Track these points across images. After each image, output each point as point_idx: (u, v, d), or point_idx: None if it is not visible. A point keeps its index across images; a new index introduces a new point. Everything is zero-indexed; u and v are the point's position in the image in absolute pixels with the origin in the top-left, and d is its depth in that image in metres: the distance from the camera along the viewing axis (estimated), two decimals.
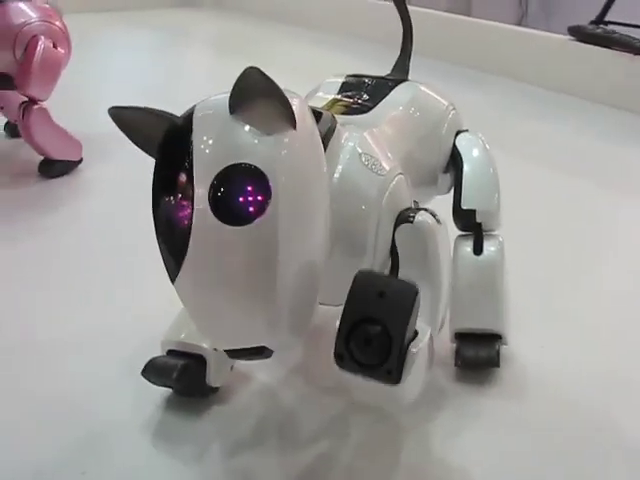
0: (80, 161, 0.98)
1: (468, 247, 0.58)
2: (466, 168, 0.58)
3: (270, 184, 0.37)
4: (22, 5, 0.92)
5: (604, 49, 1.41)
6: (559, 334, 0.65)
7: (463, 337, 0.58)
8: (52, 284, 0.72)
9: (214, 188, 0.37)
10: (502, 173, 0.60)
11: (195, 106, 0.41)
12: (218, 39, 1.95)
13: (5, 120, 1.06)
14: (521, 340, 0.61)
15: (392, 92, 0.58)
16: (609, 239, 0.88)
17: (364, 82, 0.59)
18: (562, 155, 1.14)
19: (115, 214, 0.87)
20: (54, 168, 0.95)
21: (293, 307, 0.39)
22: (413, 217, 0.46)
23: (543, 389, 0.57)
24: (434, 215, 0.47)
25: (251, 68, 0.37)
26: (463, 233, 0.59)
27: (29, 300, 0.69)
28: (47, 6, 0.96)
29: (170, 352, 0.54)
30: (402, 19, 0.67)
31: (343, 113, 0.53)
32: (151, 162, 0.40)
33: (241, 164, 0.37)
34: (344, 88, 0.58)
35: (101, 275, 0.73)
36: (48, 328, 0.64)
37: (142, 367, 0.53)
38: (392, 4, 0.65)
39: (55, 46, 0.92)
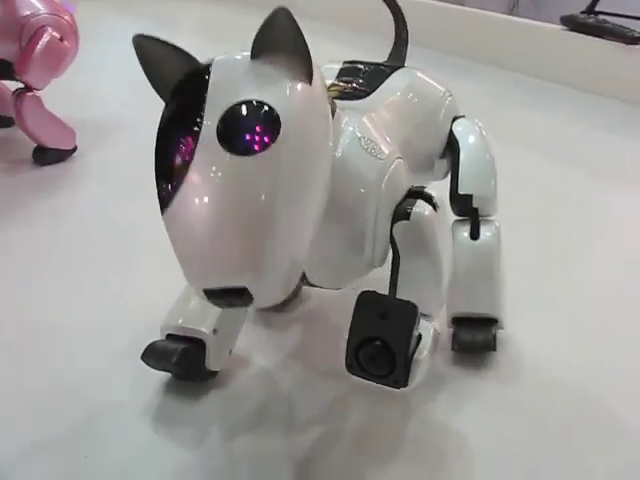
0: (75, 149, 0.98)
1: (465, 232, 0.58)
2: (463, 154, 0.59)
3: (280, 126, 0.37)
4: None
5: (596, 39, 1.41)
6: (550, 321, 0.65)
7: (460, 321, 0.58)
8: (48, 272, 0.72)
9: (224, 119, 0.37)
10: (495, 161, 0.60)
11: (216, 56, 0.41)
12: (207, 27, 1.94)
13: None
14: (515, 326, 0.61)
15: (389, 78, 0.58)
16: (599, 227, 0.89)
17: (361, 68, 0.60)
18: (553, 144, 1.15)
19: (110, 201, 0.87)
20: (47, 155, 0.95)
21: (281, 256, 0.37)
22: (410, 211, 0.46)
23: (537, 374, 0.58)
24: (431, 199, 0.47)
25: (280, 9, 0.37)
26: (460, 218, 0.59)
27: (25, 288, 0.69)
28: (57, 0, 0.96)
29: (169, 336, 0.54)
30: (391, 10, 0.67)
31: (341, 98, 0.53)
32: (147, 148, 0.40)
33: (255, 101, 0.37)
34: (342, 74, 0.58)
35: (97, 262, 0.73)
36: (45, 315, 0.64)
37: (141, 352, 0.54)
38: None
39: (62, 39, 0.92)
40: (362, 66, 0.60)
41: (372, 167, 0.46)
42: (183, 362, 0.53)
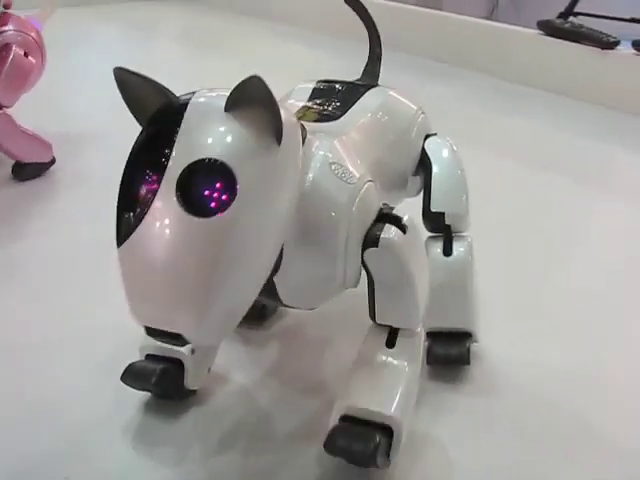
0: (53, 161, 0.98)
1: (438, 249, 0.59)
2: (435, 171, 0.60)
3: (238, 187, 0.38)
4: None
5: (573, 43, 1.43)
6: (527, 330, 0.66)
7: (435, 335, 0.59)
8: (28, 288, 0.72)
9: (185, 174, 0.38)
10: (472, 168, 0.62)
11: (196, 92, 0.42)
12: (187, 33, 1.93)
13: None
14: (491, 337, 0.62)
15: (361, 98, 0.59)
16: (579, 235, 0.90)
17: (334, 88, 0.60)
18: (531, 150, 1.16)
19: (90, 213, 0.86)
20: (26, 171, 0.95)
21: (223, 310, 0.39)
22: (378, 238, 0.47)
23: (512, 385, 0.59)
24: (399, 221, 0.48)
25: (255, 77, 0.39)
26: (433, 235, 0.60)
27: (5, 305, 0.69)
28: (24, 17, 0.96)
29: (148, 356, 0.55)
30: (365, 25, 0.67)
31: (315, 120, 0.54)
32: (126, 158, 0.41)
33: (218, 161, 0.38)
34: (315, 94, 0.59)
35: (77, 278, 0.73)
36: (25, 333, 0.64)
37: (121, 372, 0.54)
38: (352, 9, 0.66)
39: (27, 55, 0.93)
40: (336, 86, 0.60)
41: (343, 191, 0.46)
42: (162, 382, 0.53)
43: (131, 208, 0.39)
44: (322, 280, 0.48)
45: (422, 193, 0.60)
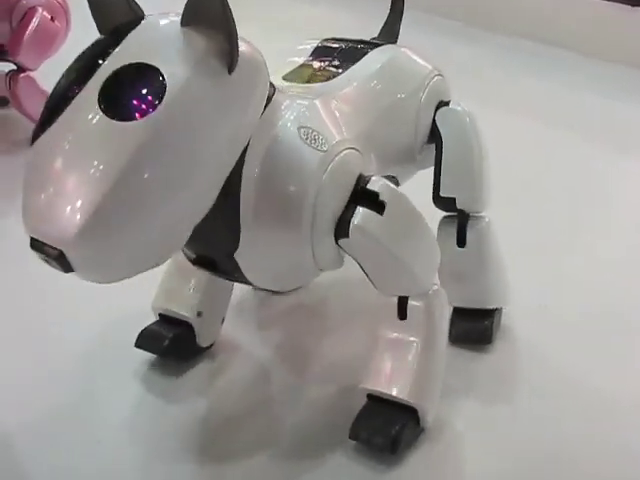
0: None
1: (451, 237, 0.55)
2: (445, 152, 0.53)
3: (164, 98, 0.35)
4: None
5: (601, 0, 1.39)
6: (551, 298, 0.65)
7: (457, 312, 0.57)
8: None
9: (115, 76, 0.36)
10: (489, 130, 0.56)
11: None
12: None
13: None
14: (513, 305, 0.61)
15: (365, 57, 0.53)
16: (602, 196, 0.88)
17: (337, 47, 0.55)
18: (551, 111, 1.13)
19: None
20: None
21: (115, 234, 0.35)
22: (349, 225, 0.43)
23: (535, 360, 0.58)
24: (376, 198, 0.43)
25: None
26: (448, 214, 0.56)
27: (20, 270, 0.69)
28: None
29: (161, 316, 0.56)
30: None
31: (307, 81, 0.50)
32: None
33: (151, 66, 0.36)
34: (316, 52, 0.54)
35: None
36: (42, 299, 0.65)
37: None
38: None
39: (53, 19, 0.92)
40: (339, 44, 0.55)
41: (311, 159, 0.42)
42: (173, 348, 0.54)
43: (51, 110, 0.37)
44: (289, 261, 0.44)
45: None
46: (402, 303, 0.48)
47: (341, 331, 0.61)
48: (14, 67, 0.92)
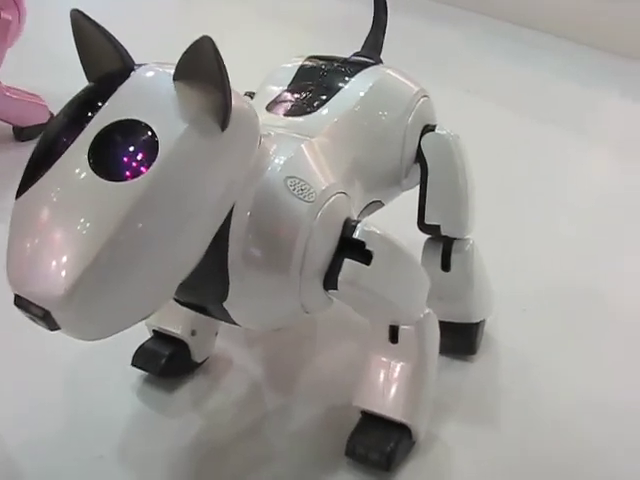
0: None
1: (436, 262, 0.56)
2: (430, 180, 0.54)
3: (157, 157, 0.34)
4: None
5: None
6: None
7: (443, 325, 0.55)
8: None
9: (106, 132, 0.35)
10: (470, 116, 0.57)
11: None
12: None
13: None
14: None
15: (349, 83, 0.52)
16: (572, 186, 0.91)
17: (322, 68, 0.54)
18: (531, 98, 1.14)
19: None
20: (25, 132, 0.95)
21: (101, 294, 0.34)
22: (336, 280, 0.43)
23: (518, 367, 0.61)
24: (362, 247, 0.43)
25: (206, 38, 0.35)
26: (432, 237, 0.57)
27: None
28: None
29: (155, 332, 0.57)
30: None
31: (289, 114, 0.49)
32: None
33: (142, 123, 0.35)
34: (299, 76, 0.53)
35: None
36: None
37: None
38: None
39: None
40: (325, 65, 0.54)
41: (299, 210, 0.42)
42: (169, 368, 0.56)
43: (37, 163, 0.35)
44: (278, 307, 0.45)
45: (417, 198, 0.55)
46: (394, 329, 0.49)
47: (332, 346, 0.62)
48: None
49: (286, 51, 0.59)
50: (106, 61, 0.38)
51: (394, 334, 0.49)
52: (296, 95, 0.51)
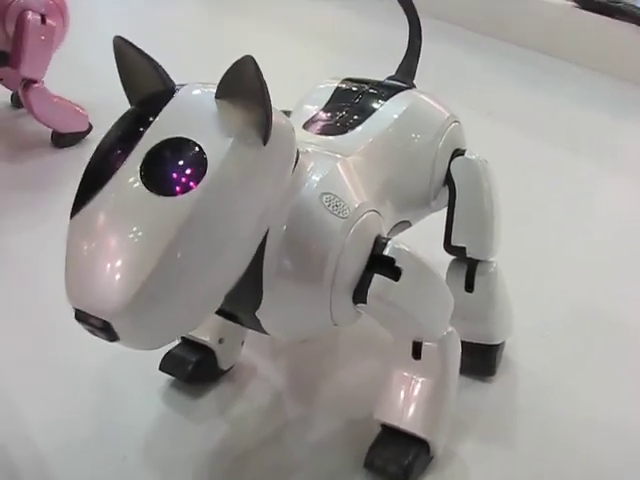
0: (90, 129, 0.99)
1: (460, 283, 0.57)
2: (458, 203, 0.55)
3: (206, 173, 0.36)
4: None
5: (608, 18, 1.41)
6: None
7: (462, 344, 0.57)
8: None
9: (156, 150, 0.37)
10: (487, 140, 0.57)
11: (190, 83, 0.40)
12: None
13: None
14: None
15: (383, 106, 0.54)
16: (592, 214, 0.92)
17: (357, 91, 0.56)
18: (554, 125, 1.15)
19: None
20: (63, 139, 0.98)
21: (160, 304, 0.36)
22: (366, 293, 0.44)
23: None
24: (392, 264, 0.45)
25: (248, 58, 0.37)
26: (456, 259, 0.58)
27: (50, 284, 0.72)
28: None
29: (183, 339, 0.58)
30: (407, 14, 0.63)
31: (324, 132, 0.51)
32: None
33: (191, 141, 0.37)
34: (335, 98, 0.55)
35: None
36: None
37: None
38: None
39: (44, 20, 0.91)
40: (359, 88, 0.56)
41: (334, 226, 0.43)
42: (196, 374, 0.57)
43: (92, 181, 0.37)
44: (308, 318, 0.46)
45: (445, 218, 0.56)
46: (417, 345, 0.50)
47: (355, 361, 0.63)
48: None
49: (320, 71, 0.60)
50: (148, 84, 0.40)
51: (417, 350, 0.50)
52: (332, 115, 0.53)
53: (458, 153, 0.56)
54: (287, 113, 0.56)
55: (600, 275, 0.78)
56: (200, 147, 0.37)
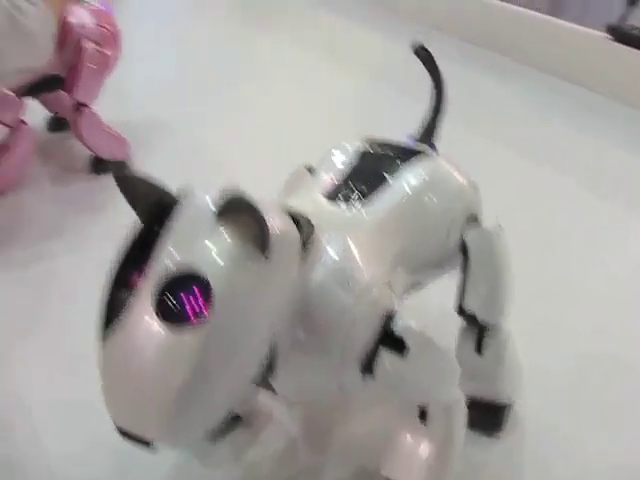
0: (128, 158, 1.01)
1: (471, 342, 0.59)
2: (472, 270, 0.57)
3: (214, 302, 0.39)
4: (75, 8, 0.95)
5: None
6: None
7: (472, 400, 0.58)
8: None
9: (165, 284, 0.39)
10: (505, 172, 0.59)
11: (189, 194, 0.43)
12: (244, 4, 1.92)
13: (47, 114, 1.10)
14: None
15: (402, 171, 0.55)
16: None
17: (376, 156, 0.57)
18: (579, 158, 1.15)
19: None
20: (100, 166, 1.00)
21: (193, 420, 0.40)
22: (373, 367, 0.47)
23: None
24: (401, 343, 0.47)
25: (237, 198, 0.40)
26: (467, 325, 0.60)
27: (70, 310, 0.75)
28: (101, 7, 0.98)
29: None
30: (433, 79, 0.65)
31: (341, 201, 0.52)
32: (196, 159, 0.42)
33: (198, 276, 0.39)
34: (355, 164, 0.56)
35: None
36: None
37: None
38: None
39: (100, 47, 0.95)
40: (378, 152, 0.58)
41: (345, 301, 0.46)
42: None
43: (113, 308, 0.41)
44: (317, 384, 0.49)
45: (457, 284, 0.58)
46: (423, 410, 0.53)
47: (366, 412, 0.65)
48: None
49: (347, 99, 0.60)
50: (149, 199, 0.43)
51: (423, 414, 0.53)
52: (350, 183, 0.55)
53: (473, 218, 0.58)
54: (310, 170, 0.59)
55: (608, 317, 0.79)
56: (206, 277, 0.39)
